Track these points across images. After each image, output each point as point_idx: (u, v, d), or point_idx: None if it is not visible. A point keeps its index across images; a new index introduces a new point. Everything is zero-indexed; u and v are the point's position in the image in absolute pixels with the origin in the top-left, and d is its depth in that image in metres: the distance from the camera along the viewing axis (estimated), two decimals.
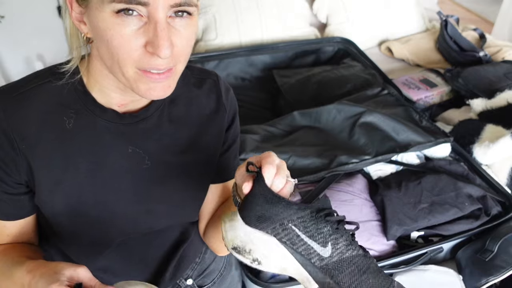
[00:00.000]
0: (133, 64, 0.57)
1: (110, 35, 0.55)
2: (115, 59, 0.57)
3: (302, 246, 0.53)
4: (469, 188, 1.14)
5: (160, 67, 0.57)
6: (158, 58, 0.56)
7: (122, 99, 0.67)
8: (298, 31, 1.95)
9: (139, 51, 0.56)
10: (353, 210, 1.09)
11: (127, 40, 0.55)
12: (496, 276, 0.98)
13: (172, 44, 0.56)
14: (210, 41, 1.85)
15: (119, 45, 0.55)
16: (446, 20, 1.85)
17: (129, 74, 0.58)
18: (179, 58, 0.59)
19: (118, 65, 0.58)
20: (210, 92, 0.75)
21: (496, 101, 1.47)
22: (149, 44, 0.55)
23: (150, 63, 0.57)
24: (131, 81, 0.59)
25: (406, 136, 1.27)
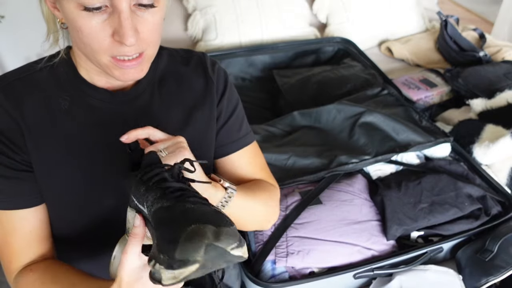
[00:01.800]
0: (105, 53, 0.60)
1: (79, 26, 0.58)
2: (88, 48, 0.61)
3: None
4: (469, 188, 1.14)
5: (129, 53, 0.61)
6: (125, 46, 0.59)
7: (107, 81, 0.70)
8: (298, 31, 1.95)
9: (108, 41, 0.59)
10: (353, 210, 1.09)
11: (95, 32, 0.58)
12: (496, 276, 0.98)
13: (137, 32, 0.59)
14: (210, 41, 1.85)
15: (89, 35, 0.59)
16: (446, 20, 1.85)
17: (103, 61, 0.62)
18: (148, 43, 0.62)
19: (92, 53, 0.61)
20: (197, 68, 0.78)
21: (496, 101, 1.47)
22: (115, 33, 0.58)
23: (119, 51, 0.60)
24: (106, 68, 0.63)
25: (406, 136, 1.27)
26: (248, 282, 0.98)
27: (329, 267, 1.00)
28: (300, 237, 1.02)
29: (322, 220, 1.05)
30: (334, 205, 1.09)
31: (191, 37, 1.93)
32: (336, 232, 1.04)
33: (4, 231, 0.68)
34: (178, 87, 0.75)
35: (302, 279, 0.96)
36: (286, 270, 1.00)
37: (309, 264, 0.99)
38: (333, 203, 1.09)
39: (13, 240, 0.68)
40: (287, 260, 0.99)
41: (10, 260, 0.69)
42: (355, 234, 1.04)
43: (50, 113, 0.67)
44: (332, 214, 1.07)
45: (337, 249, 1.01)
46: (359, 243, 1.03)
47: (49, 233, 0.73)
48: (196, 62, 0.79)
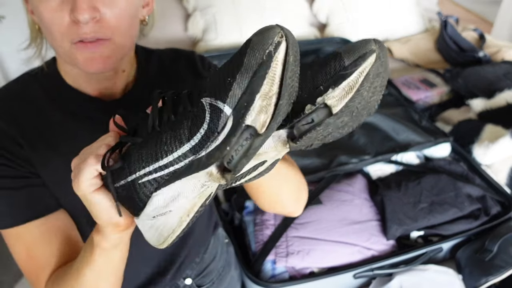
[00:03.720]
0: (64, 37, 0.57)
1: (40, 12, 0.56)
2: (51, 38, 0.58)
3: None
4: (468, 188, 1.15)
5: (86, 35, 0.56)
6: (82, 25, 0.55)
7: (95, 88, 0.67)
8: (298, 31, 1.95)
9: (66, 22, 0.56)
10: (353, 210, 1.09)
11: (54, 13, 0.55)
12: (495, 276, 0.98)
13: (95, 9, 0.55)
14: (210, 41, 1.85)
15: (48, 19, 0.56)
16: (446, 21, 1.85)
17: (66, 48, 0.58)
18: (112, 29, 0.58)
19: (55, 42, 0.58)
20: (187, 67, 0.75)
21: (495, 101, 1.47)
22: (71, 11, 0.55)
23: (77, 32, 0.56)
24: (70, 55, 0.59)
25: (405, 136, 1.27)
26: (248, 282, 0.98)
27: (329, 267, 1.00)
28: (300, 237, 1.03)
29: (322, 220, 1.06)
30: (334, 205, 1.09)
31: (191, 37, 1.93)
32: (336, 232, 1.04)
33: (27, 246, 0.63)
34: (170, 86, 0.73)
35: (302, 279, 0.96)
36: (286, 270, 1.00)
37: (309, 264, 0.99)
38: (333, 203, 1.10)
39: (37, 252, 0.63)
40: (287, 260, 0.99)
41: (37, 276, 0.64)
42: (355, 234, 1.04)
43: (46, 126, 0.65)
44: (332, 214, 1.07)
45: (337, 249, 1.02)
46: (359, 243, 1.03)
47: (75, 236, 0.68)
48: (185, 61, 0.77)
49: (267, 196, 0.71)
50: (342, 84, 0.43)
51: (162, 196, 0.43)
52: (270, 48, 0.38)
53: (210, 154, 0.40)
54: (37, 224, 0.63)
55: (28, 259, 0.64)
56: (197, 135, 0.39)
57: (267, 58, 0.38)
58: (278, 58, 0.38)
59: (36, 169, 0.64)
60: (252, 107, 0.38)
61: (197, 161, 0.40)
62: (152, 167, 0.42)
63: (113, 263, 0.56)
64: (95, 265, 0.55)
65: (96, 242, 0.53)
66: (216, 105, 0.38)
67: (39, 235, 0.63)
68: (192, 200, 0.43)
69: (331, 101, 0.43)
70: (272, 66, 0.38)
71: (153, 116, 0.43)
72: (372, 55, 0.44)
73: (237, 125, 0.38)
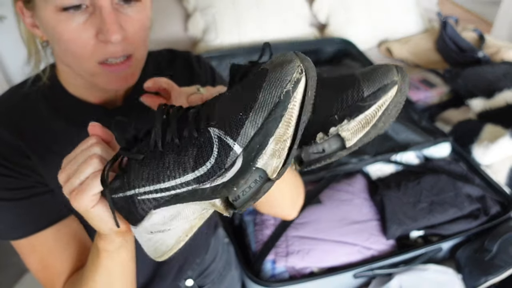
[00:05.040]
0: (90, 58, 0.56)
1: (59, 32, 0.55)
2: (71, 57, 0.57)
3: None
4: (468, 188, 1.15)
5: (117, 54, 0.56)
6: (111, 45, 0.55)
7: (97, 96, 0.66)
8: (298, 31, 1.96)
9: (92, 43, 0.55)
10: (352, 210, 1.09)
11: (77, 34, 0.54)
12: (495, 276, 0.98)
13: (122, 29, 0.55)
14: (210, 41, 1.85)
15: (70, 40, 0.55)
16: (445, 21, 1.85)
17: (90, 69, 0.57)
18: (135, 43, 0.58)
19: (77, 61, 0.57)
20: (184, 67, 0.75)
21: (495, 101, 1.47)
22: (99, 32, 0.54)
23: (105, 52, 0.56)
24: (93, 76, 0.58)
25: (405, 136, 1.27)
26: (248, 281, 0.98)
27: (329, 266, 1.00)
28: (300, 236, 1.03)
29: (322, 219, 1.06)
30: (334, 205, 1.09)
31: (191, 37, 1.93)
32: (336, 232, 1.04)
33: (41, 255, 0.63)
34: None
35: (302, 279, 0.97)
36: (286, 270, 1.00)
37: (309, 264, 0.99)
38: (333, 202, 1.10)
39: (52, 260, 0.63)
40: (287, 259, 0.99)
41: (53, 283, 0.64)
42: (355, 233, 1.04)
43: (51, 135, 0.64)
44: (332, 214, 1.07)
45: (337, 249, 1.02)
46: (359, 243, 1.03)
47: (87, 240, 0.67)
48: (182, 62, 0.76)
49: (265, 200, 0.72)
50: (358, 117, 0.40)
51: (162, 214, 0.41)
52: (288, 86, 0.34)
53: (215, 189, 0.38)
54: (50, 232, 0.63)
55: (43, 268, 0.63)
56: (202, 167, 0.37)
57: (284, 98, 0.34)
58: (297, 99, 0.34)
59: (44, 179, 0.63)
60: (264, 150, 0.35)
61: (201, 191, 0.38)
62: (153, 188, 0.40)
63: (122, 264, 0.56)
64: (104, 269, 0.55)
65: (101, 247, 0.53)
66: (225, 141, 0.36)
67: (52, 243, 0.63)
68: (192, 222, 0.42)
69: (346, 133, 0.41)
70: (289, 108, 0.34)
71: (156, 135, 0.40)
72: (393, 87, 0.40)
73: (247, 167, 0.36)
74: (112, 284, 0.56)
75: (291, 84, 0.34)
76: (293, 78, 0.34)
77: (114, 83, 0.59)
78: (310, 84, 0.35)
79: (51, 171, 0.63)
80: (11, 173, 0.61)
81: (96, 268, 0.55)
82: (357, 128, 0.41)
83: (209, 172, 0.37)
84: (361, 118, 0.40)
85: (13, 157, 0.61)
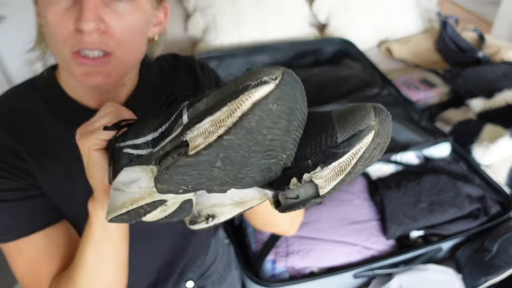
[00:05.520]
0: (65, 45, 0.55)
1: (46, 15, 0.55)
2: (52, 41, 0.56)
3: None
4: (468, 188, 1.15)
5: (91, 46, 0.54)
6: (87, 35, 0.54)
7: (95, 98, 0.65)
8: (298, 31, 1.96)
9: (69, 29, 0.54)
10: (353, 210, 1.09)
11: (59, 19, 0.54)
12: (495, 276, 0.98)
13: (101, 20, 0.54)
14: (210, 41, 1.85)
15: (53, 24, 0.55)
16: (445, 21, 1.85)
17: (65, 55, 0.56)
18: (117, 42, 0.56)
19: (56, 47, 0.57)
20: (187, 73, 0.73)
21: (495, 101, 1.47)
22: (76, 19, 0.54)
23: (80, 41, 0.54)
24: (68, 65, 0.57)
25: (405, 136, 1.27)
26: (248, 281, 0.98)
27: (329, 266, 1.00)
28: (300, 236, 1.03)
29: (322, 220, 1.06)
30: (334, 205, 1.09)
31: (191, 37, 1.93)
32: (336, 232, 1.04)
33: (29, 259, 0.62)
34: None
35: (302, 279, 0.97)
36: (286, 270, 1.00)
37: (309, 264, 1.00)
38: (333, 203, 1.10)
39: (40, 265, 0.62)
40: (287, 259, 0.99)
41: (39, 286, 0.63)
42: (355, 234, 1.04)
43: (47, 138, 0.63)
44: (332, 214, 1.07)
45: (337, 249, 1.02)
46: (359, 243, 1.04)
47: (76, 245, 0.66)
48: (185, 68, 0.75)
49: (260, 217, 0.71)
50: (332, 165, 0.38)
51: (127, 174, 0.44)
52: (251, 82, 0.34)
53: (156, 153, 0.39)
54: (40, 236, 0.62)
55: (30, 272, 0.63)
56: (158, 130, 0.40)
57: (241, 89, 0.34)
58: (252, 95, 0.33)
59: (37, 182, 0.63)
60: (198, 125, 0.35)
61: (152, 153, 0.40)
62: (131, 143, 0.43)
63: (112, 238, 0.55)
64: (95, 241, 0.55)
65: (92, 212, 0.54)
66: (182, 111, 0.37)
67: (42, 247, 0.62)
68: (142, 192, 0.43)
69: (319, 181, 0.39)
70: (239, 98, 0.33)
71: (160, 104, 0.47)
72: (369, 134, 0.36)
73: (177, 137, 0.36)
74: (102, 261, 0.56)
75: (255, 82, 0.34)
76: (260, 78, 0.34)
77: (87, 77, 0.57)
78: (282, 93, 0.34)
79: (46, 174, 0.63)
80: (6, 174, 0.61)
81: (88, 241, 0.56)
82: (331, 175, 0.39)
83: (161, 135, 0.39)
84: (335, 166, 0.38)
85: (8, 158, 0.61)
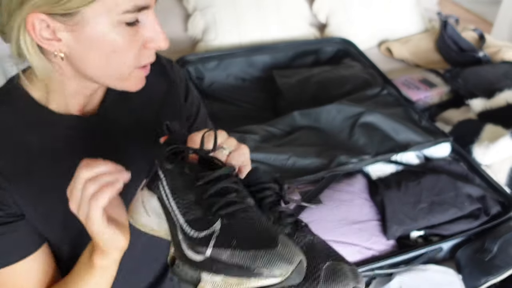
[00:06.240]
0: (131, 66, 0.57)
1: (112, 45, 0.54)
2: (109, 67, 0.56)
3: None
4: (468, 188, 1.15)
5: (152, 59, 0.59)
6: (153, 52, 0.58)
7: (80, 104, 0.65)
8: (298, 31, 1.95)
9: (138, 51, 0.56)
10: (353, 210, 1.09)
11: (129, 45, 0.55)
12: (495, 276, 0.98)
13: None
14: (210, 41, 1.85)
15: (119, 52, 0.55)
16: (445, 21, 1.85)
17: (126, 73, 0.58)
18: None
19: (113, 70, 0.57)
20: (157, 74, 0.73)
21: (495, 101, 1.47)
22: (150, 41, 0.56)
23: (151, 58, 0.58)
24: (125, 80, 0.59)
25: (405, 136, 1.27)
26: None
27: None
28: None
29: (322, 220, 1.06)
30: (334, 205, 1.09)
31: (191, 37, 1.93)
32: (336, 232, 1.04)
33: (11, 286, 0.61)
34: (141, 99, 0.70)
35: None
36: None
37: None
38: (333, 203, 1.10)
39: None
40: None
41: None
42: (355, 234, 1.04)
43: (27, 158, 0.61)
44: (332, 214, 1.07)
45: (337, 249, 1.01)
46: (359, 243, 1.03)
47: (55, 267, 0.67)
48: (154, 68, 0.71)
49: None
50: None
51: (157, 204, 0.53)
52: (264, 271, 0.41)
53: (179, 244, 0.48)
54: (20, 265, 0.62)
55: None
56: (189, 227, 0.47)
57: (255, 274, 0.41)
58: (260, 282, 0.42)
59: (19, 207, 0.61)
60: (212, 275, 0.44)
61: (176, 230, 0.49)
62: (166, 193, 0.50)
63: (109, 280, 0.60)
64: (94, 285, 0.59)
65: (98, 263, 0.56)
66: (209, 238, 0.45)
67: (22, 276, 0.62)
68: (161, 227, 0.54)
69: None
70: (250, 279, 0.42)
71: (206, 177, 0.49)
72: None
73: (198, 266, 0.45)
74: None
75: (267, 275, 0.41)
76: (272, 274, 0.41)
77: (139, 83, 0.61)
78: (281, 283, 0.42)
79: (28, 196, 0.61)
80: None
81: (86, 284, 0.59)
82: None
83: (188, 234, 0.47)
84: None
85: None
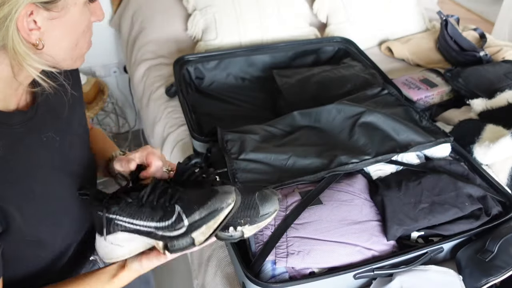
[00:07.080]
0: (90, 43, 0.64)
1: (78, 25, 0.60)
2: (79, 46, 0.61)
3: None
4: (469, 188, 1.14)
5: None
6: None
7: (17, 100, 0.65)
8: (298, 31, 1.95)
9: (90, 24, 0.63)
10: (353, 210, 1.09)
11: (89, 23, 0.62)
12: (496, 277, 0.98)
13: None
14: (210, 41, 1.85)
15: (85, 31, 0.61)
16: (446, 20, 1.85)
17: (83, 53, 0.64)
18: None
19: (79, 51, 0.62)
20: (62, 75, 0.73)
21: (496, 101, 1.47)
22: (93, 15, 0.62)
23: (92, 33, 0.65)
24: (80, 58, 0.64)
25: (406, 136, 1.27)
26: (248, 282, 0.98)
27: (329, 267, 1.00)
28: (300, 237, 1.02)
29: (322, 220, 1.05)
30: (334, 205, 1.09)
31: (191, 37, 1.93)
32: (336, 232, 1.03)
33: None
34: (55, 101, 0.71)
35: (302, 280, 0.96)
36: (286, 271, 1.00)
37: (309, 265, 0.99)
38: (333, 203, 1.09)
39: None
40: (287, 260, 0.99)
41: None
42: (356, 234, 1.04)
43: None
44: (332, 214, 1.07)
45: (337, 250, 1.01)
46: (360, 243, 1.03)
47: None
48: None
49: None
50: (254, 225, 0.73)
51: (124, 235, 0.69)
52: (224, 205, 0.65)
53: (163, 236, 0.66)
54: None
55: None
56: (162, 223, 0.66)
57: (219, 210, 0.65)
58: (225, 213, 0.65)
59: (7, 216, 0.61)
60: (199, 229, 0.66)
61: (154, 234, 0.67)
62: (128, 220, 0.67)
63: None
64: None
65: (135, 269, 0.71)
66: (181, 216, 0.66)
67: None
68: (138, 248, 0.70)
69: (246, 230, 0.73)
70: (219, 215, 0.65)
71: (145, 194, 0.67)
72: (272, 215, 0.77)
73: (186, 234, 0.66)
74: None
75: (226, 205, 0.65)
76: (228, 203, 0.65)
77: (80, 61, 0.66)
78: (234, 209, 0.66)
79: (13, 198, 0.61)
80: None
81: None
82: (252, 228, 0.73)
83: (165, 227, 0.66)
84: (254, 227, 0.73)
85: None
